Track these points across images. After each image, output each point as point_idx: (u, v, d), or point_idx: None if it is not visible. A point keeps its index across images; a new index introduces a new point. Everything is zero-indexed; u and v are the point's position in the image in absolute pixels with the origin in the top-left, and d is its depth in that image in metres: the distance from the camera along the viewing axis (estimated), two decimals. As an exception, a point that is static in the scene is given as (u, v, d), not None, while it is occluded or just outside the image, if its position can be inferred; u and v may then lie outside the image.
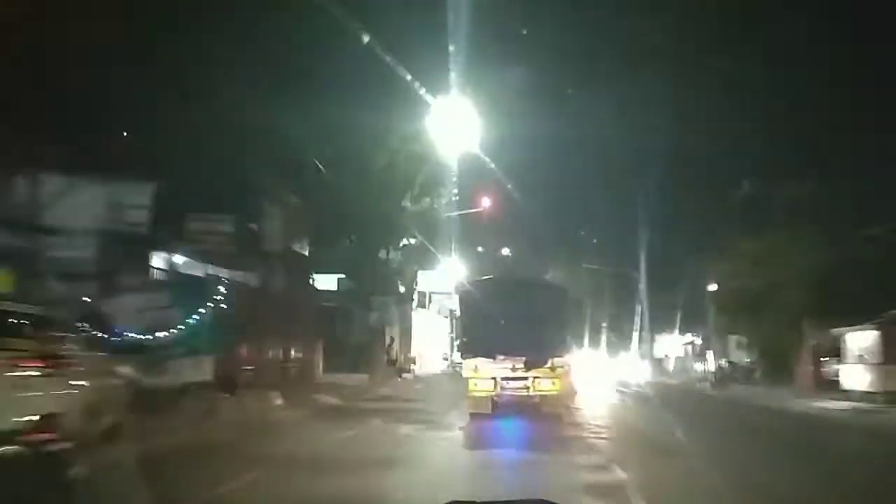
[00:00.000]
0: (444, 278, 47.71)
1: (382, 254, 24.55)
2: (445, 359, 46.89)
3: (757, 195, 30.18)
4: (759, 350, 29.85)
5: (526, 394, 13.43)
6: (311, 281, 23.94)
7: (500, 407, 13.73)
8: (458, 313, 21.25)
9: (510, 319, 13.29)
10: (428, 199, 23.86)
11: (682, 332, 57.43)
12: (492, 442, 10.76)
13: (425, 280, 46.32)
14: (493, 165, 30.60)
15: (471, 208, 31.88)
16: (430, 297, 48.96)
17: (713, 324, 30.10)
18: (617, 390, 26.49)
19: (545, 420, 13.11)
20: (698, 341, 56.43)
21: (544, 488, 6.29)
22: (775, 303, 27.45)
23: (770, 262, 27.40)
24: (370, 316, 23.13)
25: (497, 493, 5.89)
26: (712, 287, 28.70)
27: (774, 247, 27.21)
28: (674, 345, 59.54)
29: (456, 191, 30.87)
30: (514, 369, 13.24)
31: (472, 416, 13.35)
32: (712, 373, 29.07)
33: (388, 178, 22.68)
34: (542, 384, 13.22)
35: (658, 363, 49.95)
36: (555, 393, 13.41)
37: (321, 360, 23.86)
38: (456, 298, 41.40)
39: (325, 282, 27.75)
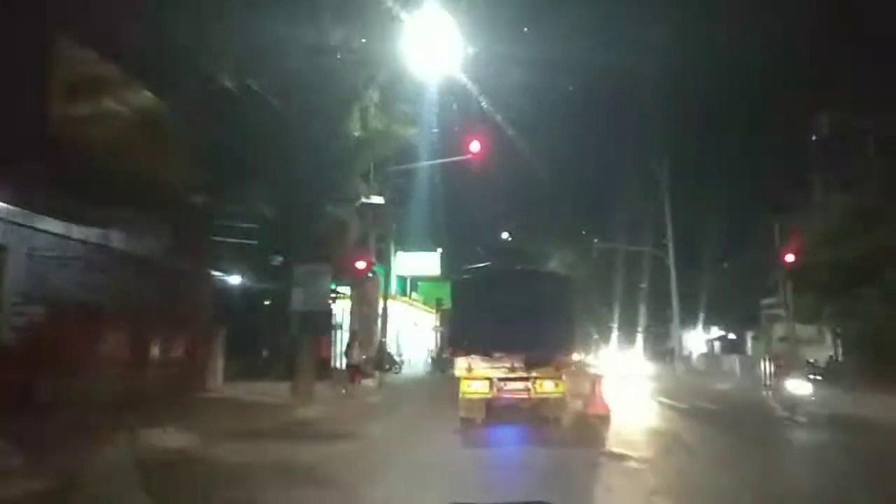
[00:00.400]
0: (430, 261, 39.72)
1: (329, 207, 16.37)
2: (433, 358, 38.89)
3: (838, 133, 22.15)
4: (849, 343, 21.82)
5: (526, 396, 12.11)
6: (207, 246, 15.90)
7: (496, 411, 12.50)
8: (447, 304, 16.96)
9: (509, 313, 12.00)
10: (385, 122, 15.70)
11: (706, 325, 49.69)
12: None
13: (406, 263, 38.27)
14: (483, 101, 23.04)
15: (457, 158, 23.78)
16: (410, 283, 40.80)
17: (792, 309, 21.93)
18: (659, 402, 18.53)
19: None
20: (731, 335, 48.55)
21: None
22: (883, 277, 19.41)
23: (875, 222, 19.36)
24: (293, 294, 15.02)
25: None
26: (790, 257, 20.52)
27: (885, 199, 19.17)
28: (697, 341, 51.53)
29: (436, 129, 22.94)
30: (512, 369, 11.97)
31: (463, 421, 11.88)
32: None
33: (321, 86, 14.62)
34: (545, 385, 11.94)
35: (686, 362, 41.62)
36: (558, 396, 12.11)
37: (220, 362, 15.78)
38: (445, 286, 33.78)
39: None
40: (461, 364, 12.17)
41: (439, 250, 39.25)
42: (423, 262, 38.50)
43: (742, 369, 35.47)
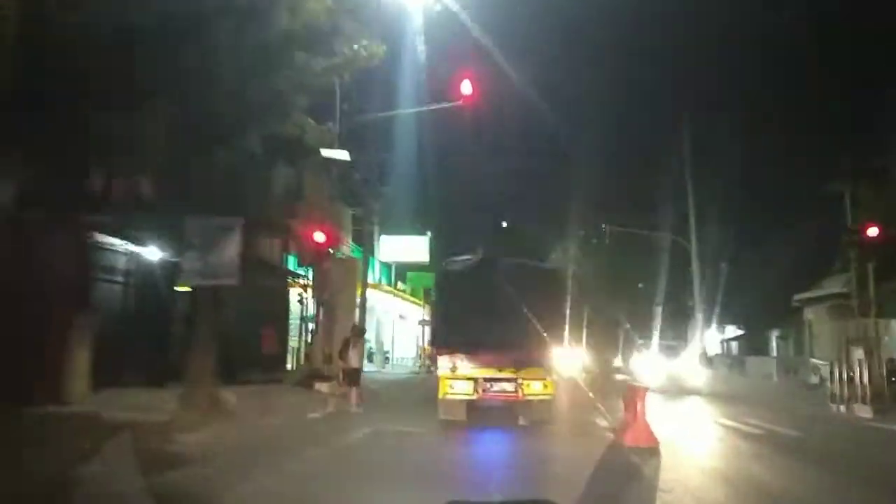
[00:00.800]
0: (417, 246, 34.99)
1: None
2: (419, 356, 34.14)
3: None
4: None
5: (513, 398, 11.63)
6: (79, 197, 11.14)
7: (479, 412, 12.06)
8: (433, 298, 16.19)
9: (497, 308, 11.40)
10: (327, 10, 10.81)
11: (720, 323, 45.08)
12: None
13: (390, 248, 33.55)
14: (475, 32, 18.68)
15: (446, 104, 19.00)
16: (398, 271, 36.05)
17: (873, 299, 17.09)
18: (717, 423, 13.84)
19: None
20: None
21: None
22: None
23: None
24: (184, 261, 10.27)
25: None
26: (872, 231, 15.71)
27: None
28: (711, 341, 46.87)
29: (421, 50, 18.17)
30: (499, 369, 11.57)
31: (444, 423, 11.34)
32: (868, 385, 15.94)
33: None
34: (533, 387, 11.52)
35: (709, 364, 36.74)
36: (546, 398, 11.65)
37: (86, 361, 10.98)
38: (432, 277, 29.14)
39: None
40: (445, 363, 11.65)
41: (429, 234, 34.51)
42: (409, 247, 33.76)
43: (779, 375, 30.77)
